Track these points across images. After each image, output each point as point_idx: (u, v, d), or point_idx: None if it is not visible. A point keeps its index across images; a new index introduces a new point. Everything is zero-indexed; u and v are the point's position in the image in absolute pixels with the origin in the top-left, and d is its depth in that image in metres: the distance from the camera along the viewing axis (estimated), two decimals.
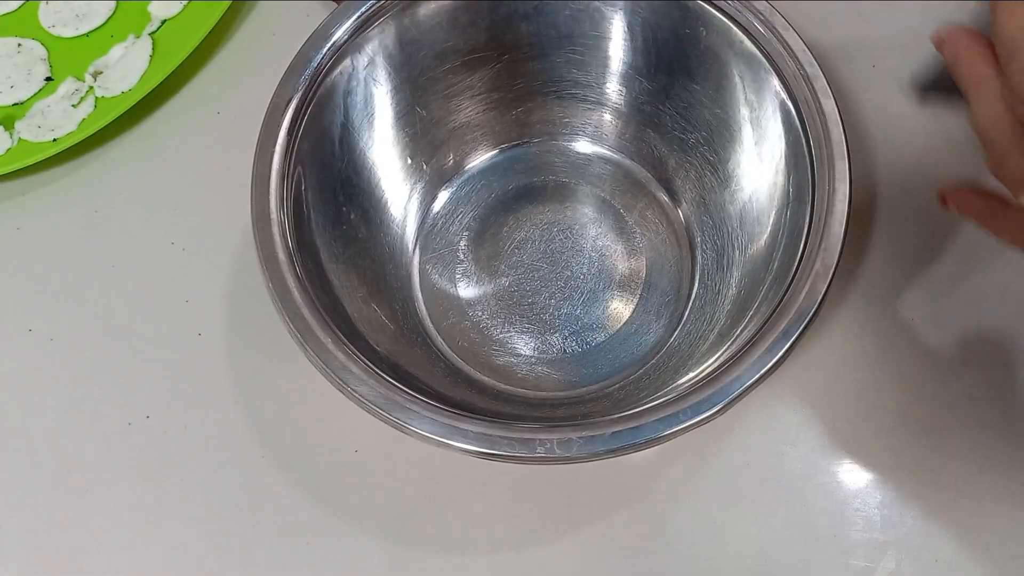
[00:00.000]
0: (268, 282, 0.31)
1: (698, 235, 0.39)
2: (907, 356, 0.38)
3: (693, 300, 0.38)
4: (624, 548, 0.35)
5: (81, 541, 0.36)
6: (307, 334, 0.30)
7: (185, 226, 0.42)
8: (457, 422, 0.29)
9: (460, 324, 0.38)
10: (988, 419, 0.36)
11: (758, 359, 0.29)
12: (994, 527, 0.35)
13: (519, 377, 0.37)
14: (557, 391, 0.37)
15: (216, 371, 0.39)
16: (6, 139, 0.43)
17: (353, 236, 0.37)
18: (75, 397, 0.39)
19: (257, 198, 0.33)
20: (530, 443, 0.29)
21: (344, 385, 0.30)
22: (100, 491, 0.37)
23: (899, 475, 0.36)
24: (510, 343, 0.38)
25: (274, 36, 0.47)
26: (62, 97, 0.44)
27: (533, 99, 0.41)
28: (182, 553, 0.36)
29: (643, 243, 0.40)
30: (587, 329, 0.38)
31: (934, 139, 0.42)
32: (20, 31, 0.46)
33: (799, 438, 0.36)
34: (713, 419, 0.29)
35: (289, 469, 0.37)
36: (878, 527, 0.35)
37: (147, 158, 0.44)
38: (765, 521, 0.35)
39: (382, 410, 0.29)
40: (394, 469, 0.36)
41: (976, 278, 0.39)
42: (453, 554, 0.35)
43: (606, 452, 0.29)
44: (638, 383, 0.36)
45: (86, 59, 0.45)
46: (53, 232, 0.42)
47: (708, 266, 0.38)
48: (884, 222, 0.40)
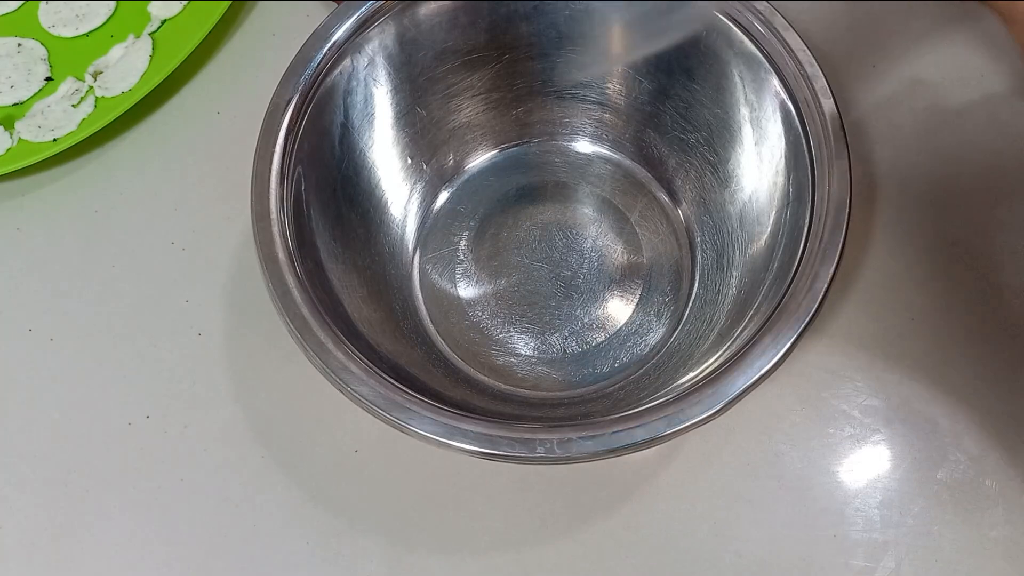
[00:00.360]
0: (268, 282, 0.31)
1: (698, 235, 0.39)
2: (907, 356, 0.38)
3: (693, 300, 0.38)
4: (624, 548, 0.35)
5: (81, 541, 0.36)
6: (307, 334, 0.30)
7: (185, 226, 0.42)
8: (457, 422, 0.29)
9: (460, 324, 0.38)
10: (989, 418, 0.36)
11: (758, 359, 0.29)
12: (994, 527, 0.35)
13: (519, 377, 0.37)
14: (557, 391, 0.37)
15: (216, 371, 0.39)
16: (6, 139, 0.43)
17: (353, 236, 0.37)
18: (75, 397, 0.39)
19: (257, 198, 0.33)
20: (530, 443, 0.29)
21: (344, 385, 0.30)
22: (100, 491, 0.37)
23: (900, 475, 0.36)
24: (510, 343, 0.38)
25: (274, 36, 0.47)
26: (62, 97, 0.44)
27: (533, 99, 0.41)
28: (182, 553, 0.36)
29: (643, 243, 0.40)
30: (587, 329, 0.38)
31: (934, 139, 0.42)
32: (20, 31, 0.46)
33: (799, 438, 0.37)
34: (713, 419, 0.29)
35: (289, 469, 0.37)
36: (878, 527, 0.35)
37: (147, 158, 0.44)
38: (765, 521, 0.35)
39: (382, 410, 0.29)
40: (394, 469, 0.37)
41: (976, 278, 0.39)
42: (453, 554, 0.35)
43: (606, 452, 0.29)
44: (638, 383, 0.36)
45: (86, 59, 0.45)
46: (53, 232, 0.42)
47: (708, 266, 0.38)
48: (884, 222, 0.40)
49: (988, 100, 0.43)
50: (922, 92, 0.43)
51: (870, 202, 0.40)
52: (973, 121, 0.42)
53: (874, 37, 0.44)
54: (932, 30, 0.43)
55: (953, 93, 0.43)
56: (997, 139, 0.41)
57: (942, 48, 0.43)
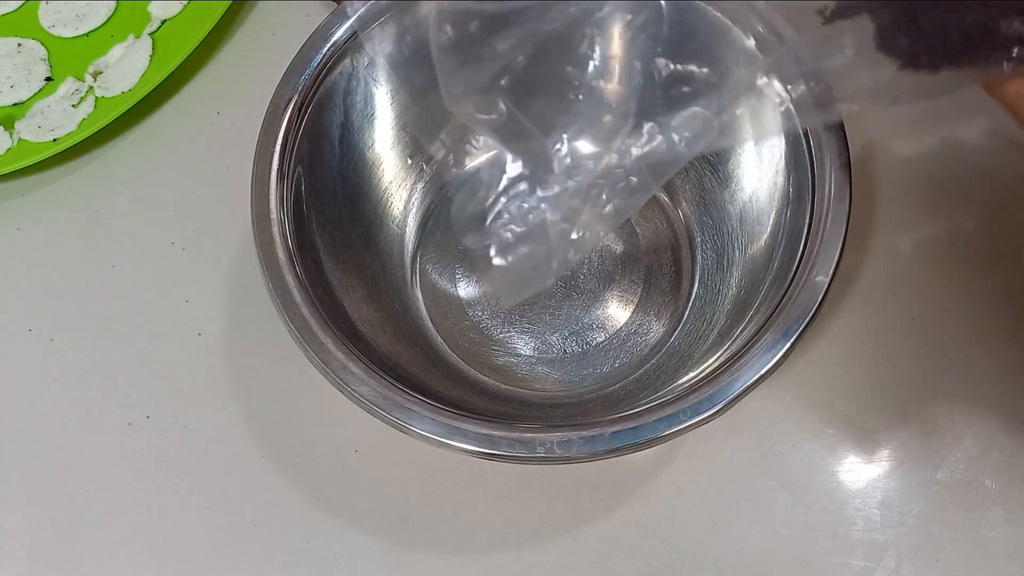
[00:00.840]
0: (268, 282, 0.31)
1: (698, 235, 0.39)
2: (907, 356, 0.38)
3: (693, 300, 0.38)
4: (624, 548, 0.35)
5: (81, 541, 0.36)
6: (307, 334, 0.30)
7: (185, 226, 0.42)
8: (457, 422, 0.29)
9: (460, 324, 0.38)
10: (988, 418, 0.36)
11: (758, 359, 0.29)
12: (994, 527, 0.35)
13: (519, 377, 0.37)
14: (557, 391, 0.37)
15: (216, 371, 0.39)
16: (6, 139, 0.43)
17: (353, 236, 0.37)
18: (75, 397, 0.39)
19: (257, 198, 0.33)
20: (530, 443, 0.29)
21: (344, 385, 0.30)
22: (100, 491, 0.37)
23: (900, 475, 0.36)
24: (510, 343, 0.38)
25: (274, 36, 0.47)
26: (62, 97, 0.44)
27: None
28: (182, 553, 0.36)
29: (643, 243, 0.40)
30: (587, 329, 0.38)
31: (934, 139, 0.42)
32: (20, 31, 0.46)
33: (799, 438, 0.36)
34: (713, 419, 0.29)
35: (289, 469, 0.37)
36: (878, 527, 0.35)
37: (147, 158, 0.44)
38: (765, 521, 0.35)
39: (382, 410, 0.29)
40: (394, 469, 0.36)
41: (977, 278, 0.39)
42: (453, 554, 0.35)
43: (606, 452, 0.29)
44: (638, 383, 0.36)
45: (86, 59, 0.45)
46: (53, 232, 0.42)
47: (708, 266, 0.38)
48: (884, 221, 0.40)
49: (988, 100, 0.43)
50: None
51: (870, 202, 0.40)
52: (973, 121, 0.42)
53: None
54: None
55: (953, 93, 0.43)
56: (997, 139, 0.41)
57: None
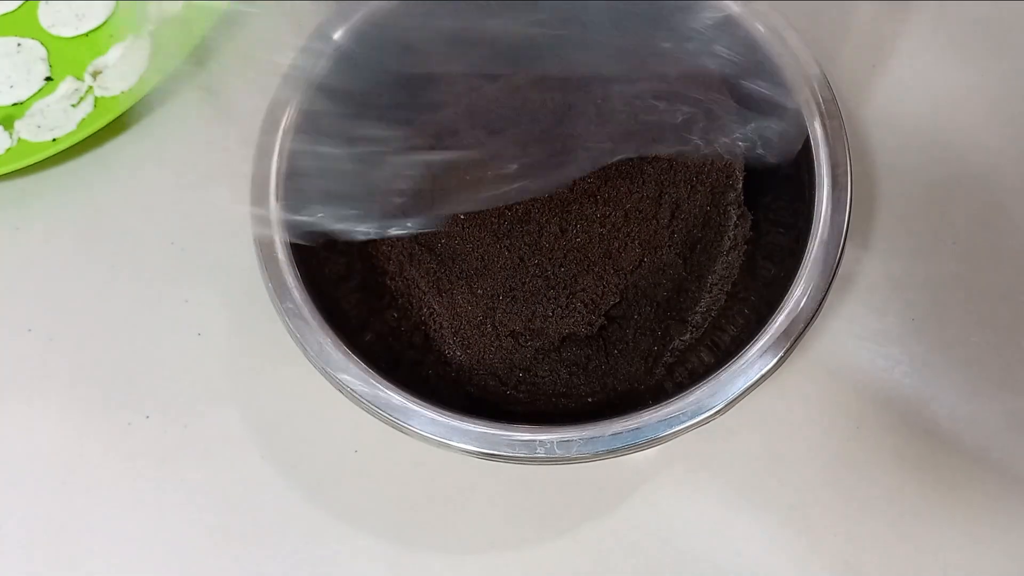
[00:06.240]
0: (268, 282, 0.31)
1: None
2: (907, 356, 0.38)
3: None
4: (624, 548, 0.35)
5: (81, 541, 0.36)
6: (307, 334, 0.30)
7: (185, 226, 0.42)
8: (457, 422, 0.29)
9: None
10: (989, 418, 0.36)
11: (758, 359, 0.30)
12: (995, 527, 0.35)
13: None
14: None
15: (216, 371, 0.39)
16: (6, 139, 0.43)
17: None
18: (75, 397, 0.39)
19: (257, 198, 0.33)
20: (530, 443, 0.29)
21: (344, 385, 0.30)
22: (100, 491, 0.37)
23: (900, 474, 0.36)
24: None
25: (274, 36, 0.46)
26: (61, 97, 0.44)
27: None
28: (182, 553, 0.36)
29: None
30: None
31: (934, 138, 0.42)
32: (20, 31, 0.46)
33: (799, 438, 0.37)
34: (713, 419, 0.29)
35: (289, 469, 0.37)
36: (878, 526, 0.35)
37: (147, 158, 0.44)
38: (765, 521, 0.35)
39: (382, 410, 0.30)
40: (394, 469, 0.37)
41: (976, 278, 0.39)
42: (453, 554, 0.35)
43: (606, 452, 0.29)
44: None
45: (85, 59, 0.45)
46: (53, 232, 0.42)
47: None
48: (884, 221, 0.40)
49: (989, 100, 0.43)
50: (922, 92, 0.43)
51: (870, 202, 0.40)
52: (973, 121, 0.42)
53: (875, 37, 0.44)
54: (931, 30, 0.43)
55: (953, 93, 0.43)
56: (997, 139, 0.41)
57: (942, 48, 0.43)
